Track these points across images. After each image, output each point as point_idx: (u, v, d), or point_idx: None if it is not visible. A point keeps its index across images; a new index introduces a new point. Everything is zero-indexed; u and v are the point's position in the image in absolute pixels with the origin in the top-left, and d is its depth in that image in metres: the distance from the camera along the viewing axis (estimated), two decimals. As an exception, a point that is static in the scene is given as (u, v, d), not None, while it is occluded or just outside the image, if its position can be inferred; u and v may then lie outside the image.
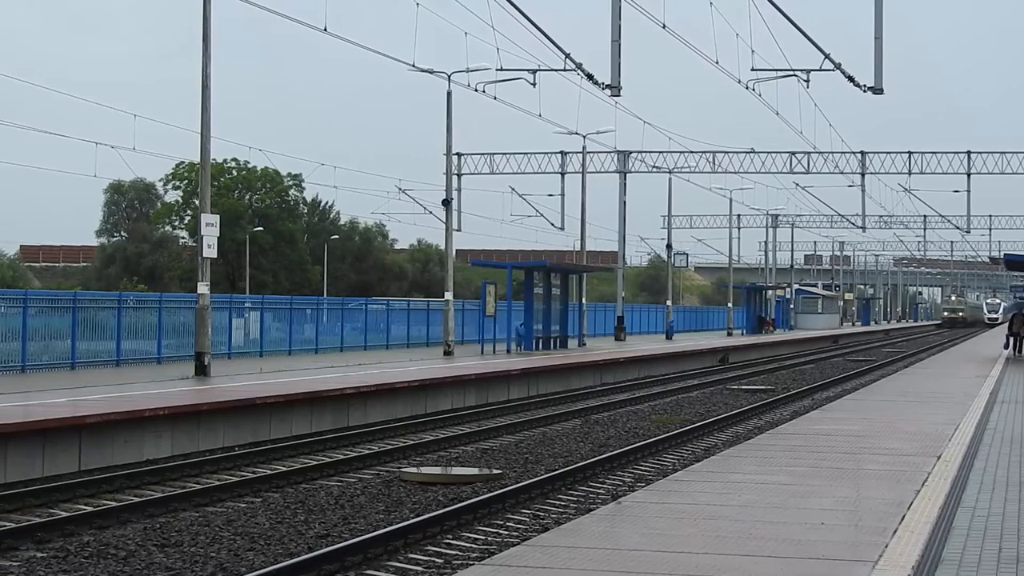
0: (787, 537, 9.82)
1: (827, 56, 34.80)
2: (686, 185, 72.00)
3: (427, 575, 12.07)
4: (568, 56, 33.84)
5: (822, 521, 10.48)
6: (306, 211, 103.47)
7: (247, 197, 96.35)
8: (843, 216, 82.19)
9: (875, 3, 33.53)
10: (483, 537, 13.70)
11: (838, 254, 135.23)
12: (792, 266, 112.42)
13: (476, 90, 41.55)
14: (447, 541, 13.43)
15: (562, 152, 63.87)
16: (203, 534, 13.68)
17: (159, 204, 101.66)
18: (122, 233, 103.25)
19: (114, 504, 15.59)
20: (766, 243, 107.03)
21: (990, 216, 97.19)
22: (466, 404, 30.13)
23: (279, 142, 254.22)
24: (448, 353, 40.62)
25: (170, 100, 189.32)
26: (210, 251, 28.79)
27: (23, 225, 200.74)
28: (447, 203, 43.12)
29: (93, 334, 32.39)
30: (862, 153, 65.16)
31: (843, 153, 64.37)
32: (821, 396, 33.96)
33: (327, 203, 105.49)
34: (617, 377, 40.40)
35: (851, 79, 34.87)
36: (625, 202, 64.11)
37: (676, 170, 66.03)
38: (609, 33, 30.74)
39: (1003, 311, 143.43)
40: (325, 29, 31.60)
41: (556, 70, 38.12)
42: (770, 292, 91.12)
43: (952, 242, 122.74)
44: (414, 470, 18.33)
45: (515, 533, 13.87)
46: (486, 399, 31.21)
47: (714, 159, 66.08)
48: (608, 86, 31.82)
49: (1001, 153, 64.49)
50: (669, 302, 69.80)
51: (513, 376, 33.46)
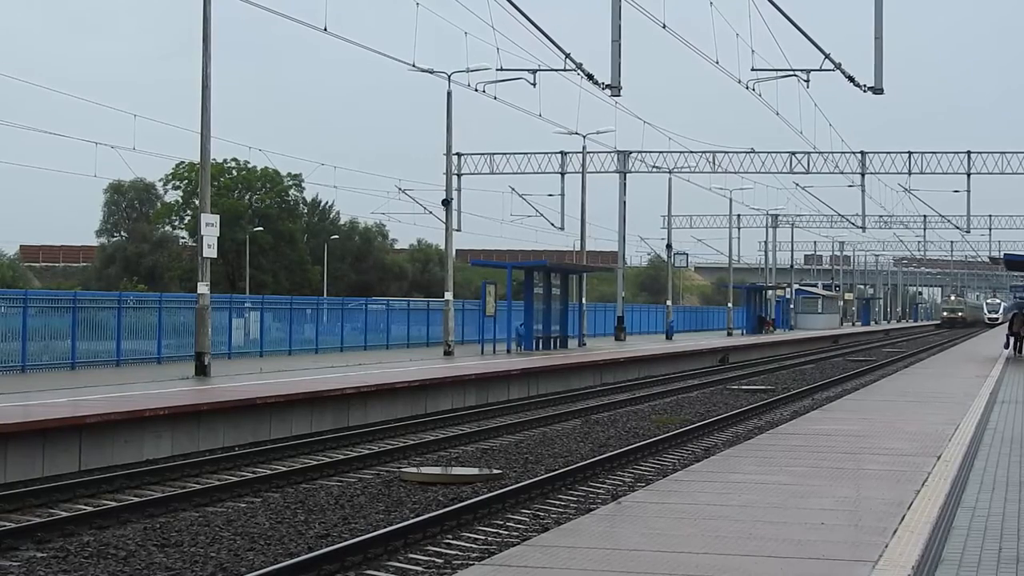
0: (787, 537, 9.82)
1: (827, 56, 34.81)
2: (686, 185, 72.14)
3: (427, 575, 12.07)
4: (568, 56, 33.85)
5: (822, 521, 10.48)
6: (306, 211, 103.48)
7: (247, 197, 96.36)
8: (843, 216, 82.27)
9: (875, 3, 33.55)
10: (483, 537, 13.70)
11: (838, 254, 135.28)
12: (792, 266, 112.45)
13: (476, 90, 41.60)
14: (447, 541, 13.43)
15: (562, 152, 63.90)
16: (203, 534, 13.68)
17: (159, 204, 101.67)
18: (122, 233, 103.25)
19: (114, 504, 15.59)
20: (766, 243, 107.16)
21: (990, 216, 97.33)
22: (466, 404, 30.13)
23: (279, 142, 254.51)
24: (448, 353, 40.62)
25: (170, 100, 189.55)
26: (210, 251, 28.80)
27: (23, 225, 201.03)
28: (447, 203, 43.13)
29: (93, 334, 32.40)
30: (862, 153, 65.17)
31: (843, 153, 64.45)
32: (821, 396, 33.96)
33: (327, 203, 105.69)
34: (617, 377, 40.40)
35: (851, 79, 34.88)
36: (625, 202, 64.16)
37: (676, 170, 66.08)
38: (609, 33, 30.78)
39: (1003, 311, 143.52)
40: (325, 29, 31.64)
41: (556, 70, 38.16)
42: (770, 292, 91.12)
43: (952, 242, 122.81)
44: (414, 470, 18.33)
45: (515, 533, 13.87)
46: (486, 399, 31.21)
47: (714, 159, 66.13)
48: (608, 86, 31.83)
49: (1001, 153, 64.57)
50: (669, 302, 69.80)
51: (513, 376, 33.46)
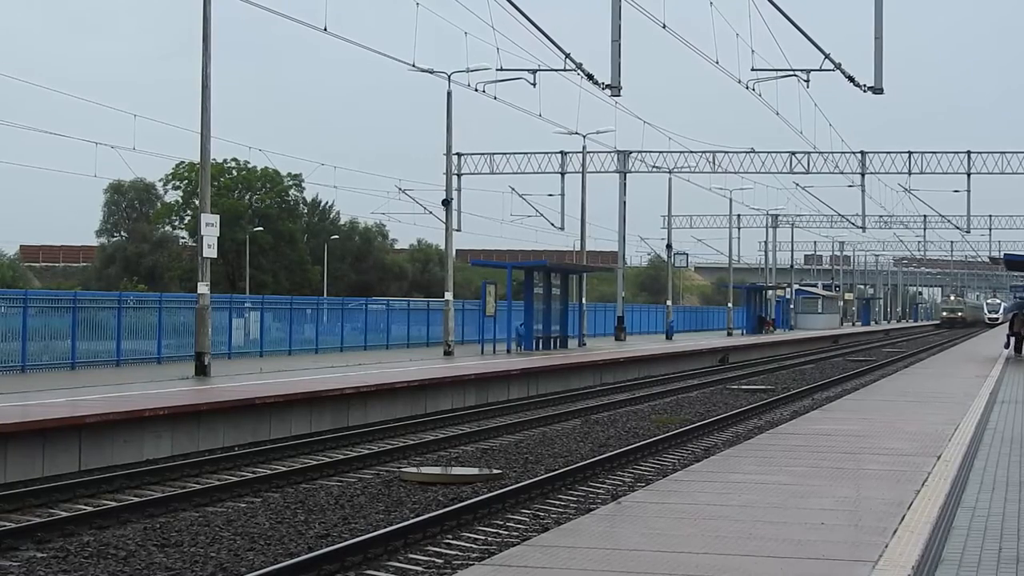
0: (787, 537, 9.81)
1: (827, 56, 34.81)
2: (686, 185, 72.13)
3: (427, 575, 12.07)
4: (568, 56, 33.85)
5: (822, 521, 10.48)
6: (306, 211, 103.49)
7: (247, 197, 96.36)
8: (843, 216, 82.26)
9: (875, 3, 33.55)
10: (483, 537, 13.70)
11: (838, 254, 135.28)
12: (792, 266, 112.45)
13: (476, 90, 41.60)
14: (447, 541, 13.43)
15: (562, 152, 63.91)
16: (203, 534, 13.68)
17: (159, 204, 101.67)
18: (122, 233, 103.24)
19: (114, 504, 15.59)
20: (766, 243, 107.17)
21: (990, 216, 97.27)
22: (466, 404, 30.13)
23: (279, 142, 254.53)
24: (448, 353, 40.62)
25: (170, 100, 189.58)
26: (210, 251, 28.80)
27: (23, 225, 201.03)
28: (447, 203, 43.13)
29: (93, 334, 32.40)
30: (862, 153, 65.17)
31: (843, 153, 64.45)
32: (821, 396, 33.95)
33: (327, 203, 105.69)
34: (617, 377, 40.40)
35: (851, 79, 34.87)
36: (625, 202, 64.17)
37: (676, 170, 66.09)
38: (609, 33, 30.77)
39: (1003, 311, 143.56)
40: (325, 29, 31.65)
41: (556, 70, 38.15)
42: (770, 292, 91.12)
43: (952, 242, 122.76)
44: (414, 470, 18.33)
45: (515, 533, 13.87)
46: (486, 399, 31.20)
47: (714, 159, 66.13)
48: (608, 86, 31.83)
49: (1001, 153, 64.56)
50: (669, 302, 69.80)
51: (513, 376, 33.46)
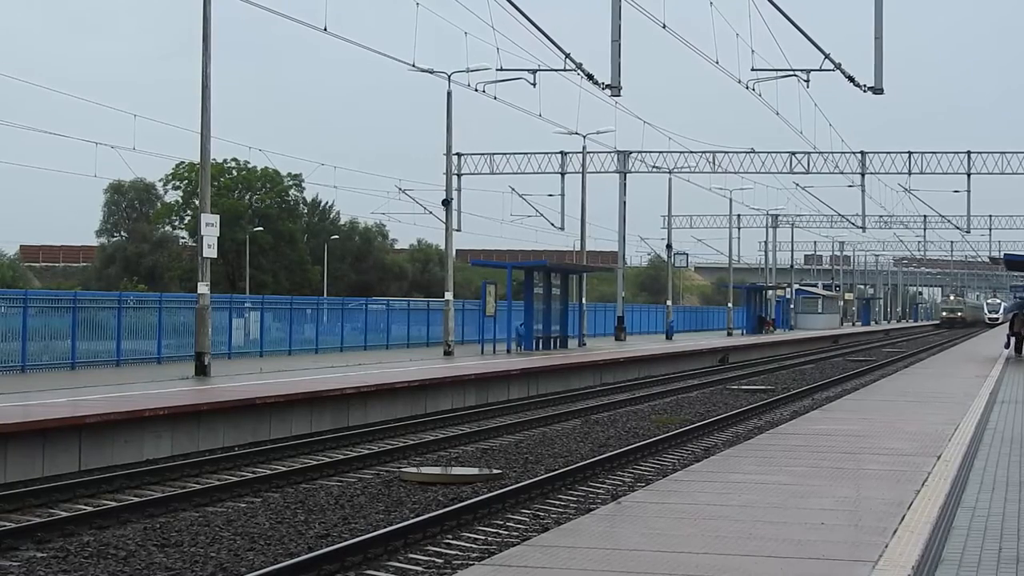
0: (787, 537, 9.81)
1: (827, 56, 34.81)
2: (686, 185, 72.13)
3: (427, 575, 12.07)
4: (568, 56, 33.85)
5: (822, 521, 10.48)
6: (306, 211, 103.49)
7: (247, 197, 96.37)
8: (843, 216, 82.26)
9: (875, 3, 33.54)
10: (483, 537, 13.70)
11: (838, 254, 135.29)
12: (792, 266, 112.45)
13: (476, 90, 41.60)
14: (447, 541, 13.43)
15: (562, 152, 63.91)
16: (203, 534, 13.68)
17: (159, 204, 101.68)
18: (122, 233, 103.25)
19: (114, 504, 15.59)
20: (766, 243, 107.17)
21: (990, 216, 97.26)
22: (466, 404, 30.13)
23: (279, 142, 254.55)
24: (448, 353, 40.62)
25: (170, 100, 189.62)
26: (210, 251, 28.80)
27: (23, 225, 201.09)
28: (447, 203, 43.13)
29: (93, 334, 32.40)
30: (862, 153, 65.17)
31: (843, 153, 64.45)
32: (821, 396, 33.95)
33: (327, 203, 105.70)
34: (617, 377, 40.40)
35: (851, 79, 34.87)
36: (625, 202, 64.17)
37: (676, 170, 66.09)
38: (609, 33, 30.77)
39: (1003, 311, 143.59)
40: (325, 29, 31.65)
41: (556, 70, 38.15)
42: (770, 292, 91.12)
43: (952, 242, 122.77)
44: (414, 470, 18.32)
45: (515, 533, 13.87)
46: (486, 399, 31.20)
47: (714, 159, 66.14)
48: (608, 86, 31.83)
49: (1001, 153, 64.58)
50: (669, 302, 69.80)
51: (513, 376, 33.45)
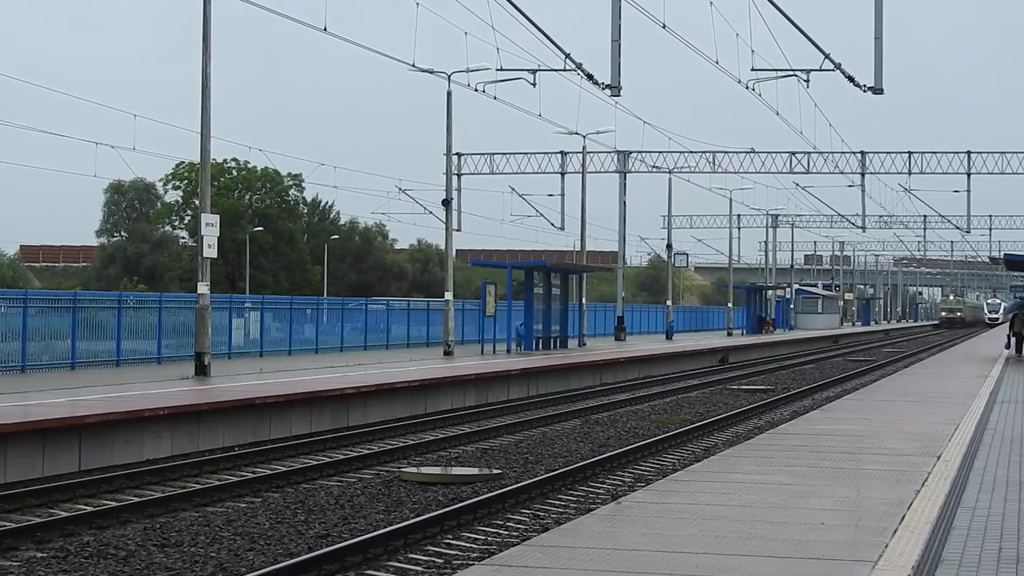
0: (787, 537, 9.81)
1: (827, 56, 34.81)
2: (686, 185, 72.13)
3: (427, 575, 12.07)
4: (568, 56, 33.85)
5: (822, 521, 10.48)
6: (306, 211, 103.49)
7: (247, 197, 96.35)
8: (843, 216, 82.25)
9: (875, 3, 33.54)
10: (483, 537, 13.70)
11: (838, 254, 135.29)
12: (792, 266, 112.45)
13: (476, 90, 41.61)
14: (447, 541, 13.43)
15: (562, 152, 63.90)
16: (203, 534, 13.68)
17: (159, 204, 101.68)
18: (122, 233, 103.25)
19: (114, 504, 15.59)
20: (766, 243, 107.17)
21: (990, 216, 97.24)
22: (466, 404, 30.13)
23: (279, 142, 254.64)
24: (448, 353, 40.62)
25: (170, 100, 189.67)
26: (210, 251, 28.80)
27: (23, 225, 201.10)
28: (447, 203, 43.13)
29: (93, 334, 32.39)
30: (862, 153, 65.17)
31: (843, 153, 64.45)
32: (821, 396, 33.95)
33: (327, 203, 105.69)
34: (617, 377, 40.40)
35: (851, 79, 34.87)
36: (625, 202, 64.16)
37: (676, 170, 66.08)
38: (609, 33, 30.77)
39: (1003, 311, 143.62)
40: (325, 29, 31.65)
41: (556, 70, 38.15)
42: (770, 292, 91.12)
43: (952, 242, 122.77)
44: (414, 470, 18.32)
45: (515, 533, 13.87)
46: (486, 399, 31.20)
47: (714, 159, 66.13)
48: (608, 86, 31.82)
49: (1001, 153, 64.56)
50: (669, 302, 69.80)
51: (513, 376, 33.45)
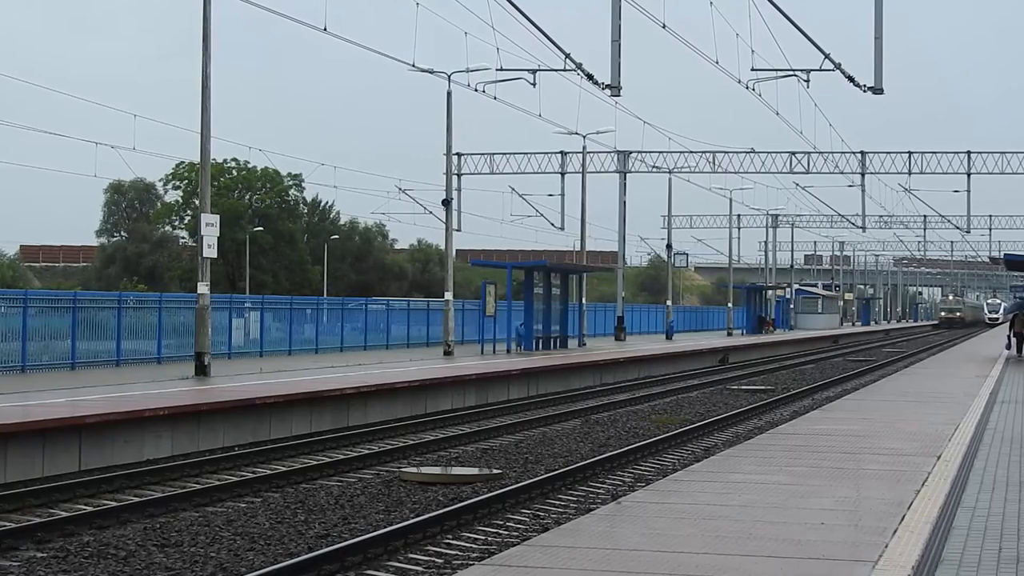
0: (787, 537, 9.82)
1: (827, 56, 34.81)
2: (686, 185, 72.12)
3: (427, 575, 12.07)
4: (568, 56, 33.84)
5: (822, 521, 10.48)
6: (306, 211, 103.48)
7: (247, 197, 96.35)
8: (843, 216, 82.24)
9: (875, 3, 33.54)
10: (483, 537, 13.70)
11: (838, 254, 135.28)
12: (792, 266, 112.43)
13: (476, 90, 41.61)
14: (447, 541, 13.43)
15: (562, 152, 63.89)
16: (203, 534, 13.68)
17: (159, 204, 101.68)
18: (122, 233, 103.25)
19: (114, 504, 15.59)
20: (766, 243, 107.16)
21: (990, 216, 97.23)
22: (466, 404, 30.13)
23: (279, 142, 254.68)
24: (448, 353, 40.62)
25: (170, 100, 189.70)
26: (210, 251, 28.80)
27: (23, 225, 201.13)
28: (447, 203, 43.13)
29: (93, 334, 32.39)
30: (862, 153, 65.17)
31: (843, 153, 64.44)
32: (821, 396, 33.95)
33: (327, 203, 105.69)
34: (617, 377, 40.40)
35: (851, 79, 34.87)
36: (625, 202, 64.16)
37: (676, 170, 66.07)
38: (609, 33, 30.77)
39: (1003, 311, 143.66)
40: (325, 29, 31.65)
41: (556, 70, 38.15)
42: (770, 292, 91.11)
43: (952, 242, 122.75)
44: (414, 470, 18.33)
45: (515, 533, 13.87)
46: (486, 399, 31.20)
47: (714, 159, 66.12)
48: (608, 86, 31.82)
49: (1001, 153, 64.55)
50: (669, 302, 69.79)
51: (513, 376, 33.45)
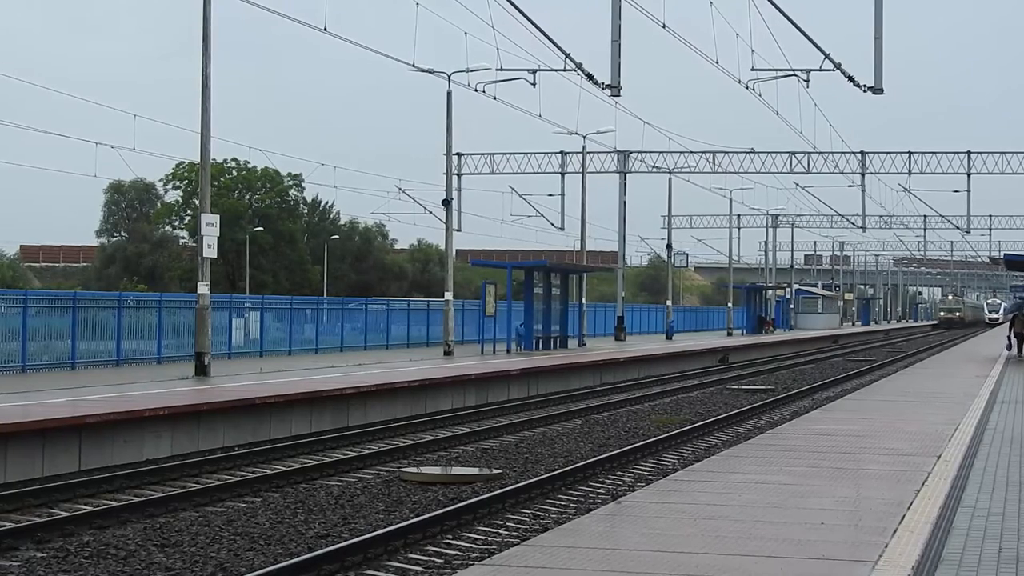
0: (787, 537, 9.81)
1: (827, 56, 34.80)
2: (686, 185, 72.12)
3: (427, 575, 12.07)
4: (568, 56, 33.84)
5: (822, 521, 10.48)
6: (306, 211, 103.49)
7: (247, 197, 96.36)
8: (843, 216, 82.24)
9: (875, 3, 33.54)
10: (483, 537, 13.70)
11: (838, 254, 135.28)
12: (792, 266, 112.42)
13: (476, 90, 41.60)
14: (447, 541, 13.43)
15: (562, 152, 63.88)
16: (203, 534, 13.68)
17: (159, 204, 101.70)
18: (122, 233, 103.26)
19: (114, 504, 15.59)
20: (766, 243, 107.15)
21: (990, 216, 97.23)
22: (466, 404, 30.13)
23: (279, 142, 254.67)
24: (448, 353, 40.61)
25: (170, 100, 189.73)
26: (210, 251, 28.79)
27: (23, 225, 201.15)
28: (447, 203, 43.13)
29: (93, 334, 32.39)
30: (862, 153, 65.16)
31: (843, 153, 64.44)
32: (821, 396, 33.95)
33: (327, 203, 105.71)
34: (617, 377, 40.39)
35: (851, 79, 34.87)
36: (625, 202, 64.15)
37: (676, 170, 66.08)
38: (609, 33, 30.77)
39: (1003, 311, 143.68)
40: (325, 29, 31.65)
41: (556, 70, 38.15)
42: (770, 292, 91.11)
43: (952, 242, 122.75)
44: (414, 470, 18.33)
45: (515, 533, 13.87)
46: (486, 399, 31.20)
47: (714, 159, 66.12)
48: (608, 86, 31.82)
49: (1001, 153, 64.55)
50: (669, 302, 69.79)
51: (513, 376, 33.45)
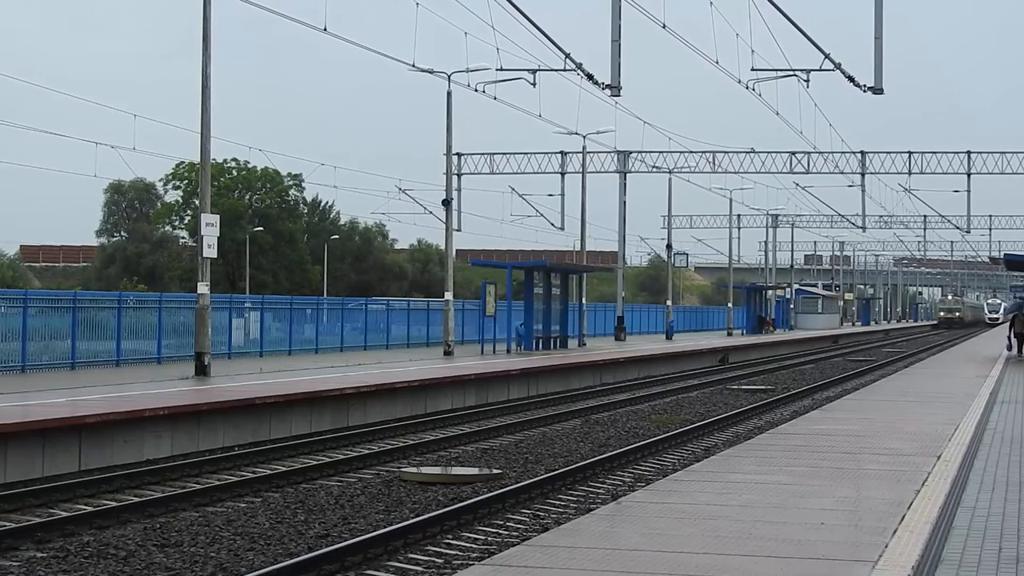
0: (787, 537, 9.82)
1: (827, 56, 34.81)
2: (686, 185, 72.11)
3: (427, 575, 12.07)
4: (568, 56, 33.85)
5: (822, 521, 10.48)
6: (306, 211, 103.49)
7: (247, 197, 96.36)
8: (843, 216, 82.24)
9: (875, 3, 33.55)
10: (483, 537, 13.70)
11: (838, 254, 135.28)
12: (792, 266, 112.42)
13: (476, 90, 41.60)
14: (447, 541, 13.43)
15: (562, 152, 63.88)
16: (203, 534, 13.68)
17: (159, 204, 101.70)
18: (122, 233, 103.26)
19: (114, 504, 15.59)
20: (766, 243, 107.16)
21: (990, 216, 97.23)
22: (466, 404, 30.13)
23: (279, 142, 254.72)
24: (448, 353, 40.61)
25: (170, 100, 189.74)
26: (210, 251, 28.80)
27: (23, 225, 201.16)
28: (447, 203, 43.13)
29: (93, 334, 32.39)
30: (862, 153, 65.16)
31: (843, 153, 64.43)
32: (821, 396, 33.95)
33: (327, 203, 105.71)
34: (617, 377, 40.39)
35: (851, 79, 34.87)
36: (625, 202, 64.15)
37: (676, 170, 66.08)
38: (609, 33, 30.77)
39: (1003, 311, 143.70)
40: (325, 29, 31.65)
41: (556, 70, 38.16)
42: (770, 292, 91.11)
43: (952, 242, 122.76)
44: (414, 470, 18.33)
45: (515, 533, 13.87)
46: (486, 399, 31.20)
47: (714, 159, 66.12)
48: (608, 86, 31.83)
49: (1001, 153, 64.54)
50: (669, 302, 69.79)
51: (513, 376, 33.45)
